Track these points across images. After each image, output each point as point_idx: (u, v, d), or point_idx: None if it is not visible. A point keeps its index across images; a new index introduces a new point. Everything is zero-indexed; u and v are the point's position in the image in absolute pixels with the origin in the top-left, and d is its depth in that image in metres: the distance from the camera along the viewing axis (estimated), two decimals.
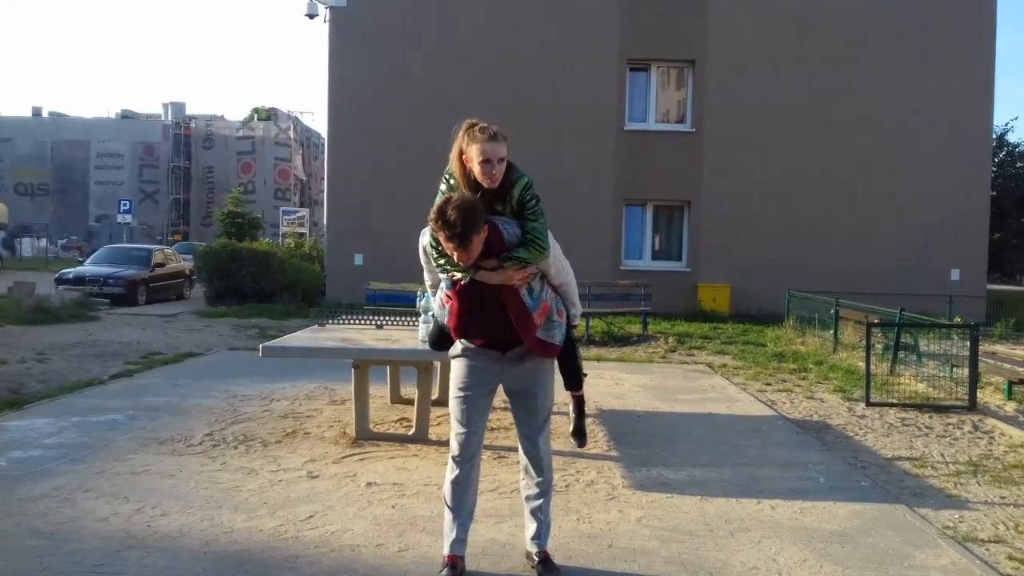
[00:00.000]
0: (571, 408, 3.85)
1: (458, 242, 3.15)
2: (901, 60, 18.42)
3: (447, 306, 3.47)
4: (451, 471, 3.52)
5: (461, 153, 3.35)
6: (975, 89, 18.63)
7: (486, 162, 3.27)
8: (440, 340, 3.73)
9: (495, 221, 3.30)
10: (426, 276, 3.70)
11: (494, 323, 3.40)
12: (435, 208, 3.19)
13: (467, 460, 3.50)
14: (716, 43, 18.56)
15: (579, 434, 3.83)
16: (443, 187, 3.45)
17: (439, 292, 3.56)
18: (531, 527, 3.65)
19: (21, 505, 4.32)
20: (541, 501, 3.63)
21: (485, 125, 3.32)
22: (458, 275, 3.34)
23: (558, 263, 3.51)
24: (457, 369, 3.58)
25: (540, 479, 3.62)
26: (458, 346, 3.57)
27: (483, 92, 18.19)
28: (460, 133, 3.36)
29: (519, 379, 3.56)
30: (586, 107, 18.39)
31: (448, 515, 3.55)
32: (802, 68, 18.45)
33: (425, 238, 3.45)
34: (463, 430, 3.50)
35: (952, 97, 18.44)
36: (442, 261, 3.36)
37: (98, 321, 14.02)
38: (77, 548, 3.75)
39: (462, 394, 3.52)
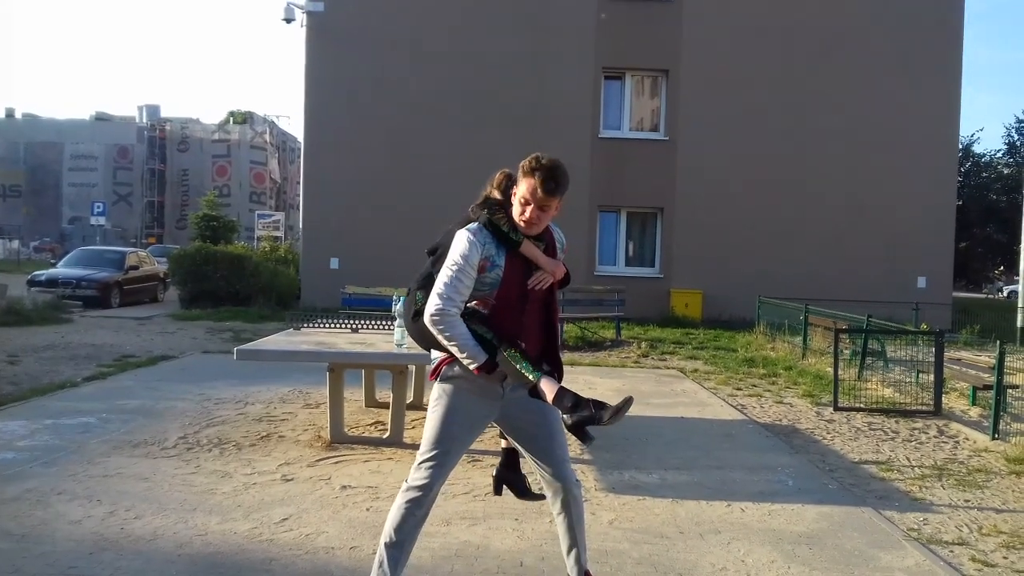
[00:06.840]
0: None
1: (554, 188, 2.94)
2: (871, 72, 18.72)
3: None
4: (410, 504, 3.05)
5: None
6: (942, 101, 18.98)
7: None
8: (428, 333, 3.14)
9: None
10: (463, 290, 3.05)
11: (529, 329, 3.13)
12: (534, 157, 3.02)
13: (430, 500, 3.08)
14: (690, 53, 18.77)
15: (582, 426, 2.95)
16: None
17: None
18: (571, 551, 3.27)
19: None
20: (580, 524, 3.27)
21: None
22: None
23: None
24: (452, 396, 3.12)
25: (577, 505, 3.25)
26: (456, 366, 3.11)
27: (459, 98, 18.32)
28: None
29: (522, 398, 3.12)
30: (561, 114, 18.49)
31: (388, 553, 3.06)
32: (774, 79, 18.70)
33: (470, 236, 3.04)
34: (439, 464, 3.07)
35: (920, 109, 18.79)
36: (505, 228, 3.08)
37: (71, 323, 13.91)
38: (50, 550, 3.75)
39: (451, 428, 3.09)
